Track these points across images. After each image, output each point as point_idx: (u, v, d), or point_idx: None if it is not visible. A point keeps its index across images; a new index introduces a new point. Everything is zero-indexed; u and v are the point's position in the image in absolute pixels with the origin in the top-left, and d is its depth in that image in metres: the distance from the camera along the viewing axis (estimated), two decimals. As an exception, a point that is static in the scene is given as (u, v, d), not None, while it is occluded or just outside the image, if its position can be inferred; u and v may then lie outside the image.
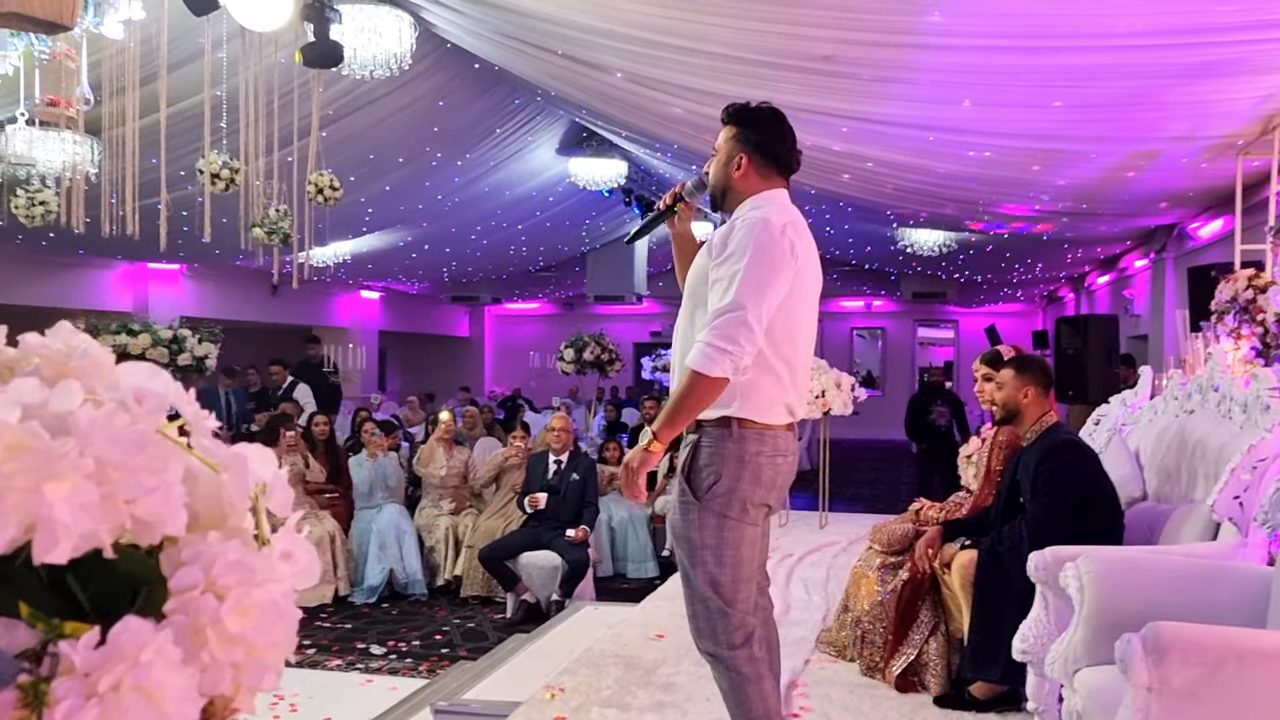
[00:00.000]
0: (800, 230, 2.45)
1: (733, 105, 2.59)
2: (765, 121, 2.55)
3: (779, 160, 2.55)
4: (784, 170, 2.57)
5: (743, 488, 2.38)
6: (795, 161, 2.59)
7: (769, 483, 2.43)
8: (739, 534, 2.40)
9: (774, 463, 2.43)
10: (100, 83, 5.52)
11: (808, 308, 2.50)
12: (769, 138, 2.54)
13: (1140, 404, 4.50)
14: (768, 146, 2.53)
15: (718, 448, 2.40)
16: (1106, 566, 2.61)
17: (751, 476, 2.39)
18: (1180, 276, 9.39)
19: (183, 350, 7.34)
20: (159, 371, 0.72)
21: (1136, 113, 5.65)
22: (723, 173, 2.56)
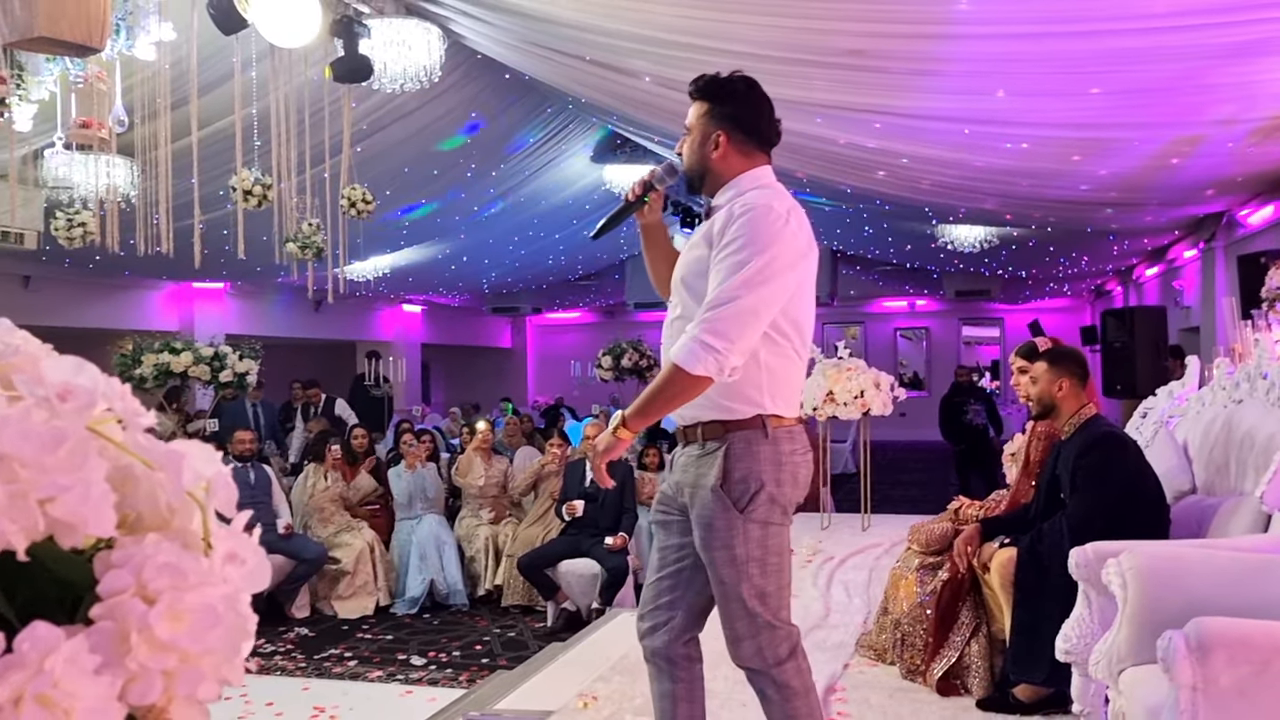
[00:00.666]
0: (802, 217, 2.27)
1: (701, 78, 2.35)
2: (739, 93, 2.31)
3: (759, 134, 2.32)
4: (765, 145, 2.34)
5: (784, 491, 2.23)
6: (775, 134, 2.36)
7: (805, 482, 2.29)
8: (781, 540, 2.26)
9: (806, 460, 2.30)
10: (134, 105, 5.60)
11: (811, 299, 2.34)
12: (745, 110, 2.31)
13: (1187, 395, 4.36)
14: (745, 120, 2.30)
15: (753, 452, 2.21)
16: (1150, 562, 2.51)
17: (790, 478, 2.24)
18: (1230, 266, 9.14)
19: (224, 367, 7.44)
20: (86, 365, 0.69)
21: (1178, 97, 5.49)
22: (699, 154, 2.33)
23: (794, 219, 2.22)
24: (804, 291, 2.28)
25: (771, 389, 2.23)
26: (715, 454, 2.24)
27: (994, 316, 19.82)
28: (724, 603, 2.28)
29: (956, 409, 9.48)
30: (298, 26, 5.31)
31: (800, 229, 2.23)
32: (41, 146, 6.01)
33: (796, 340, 2.28)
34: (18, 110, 5.16)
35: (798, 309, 2.26)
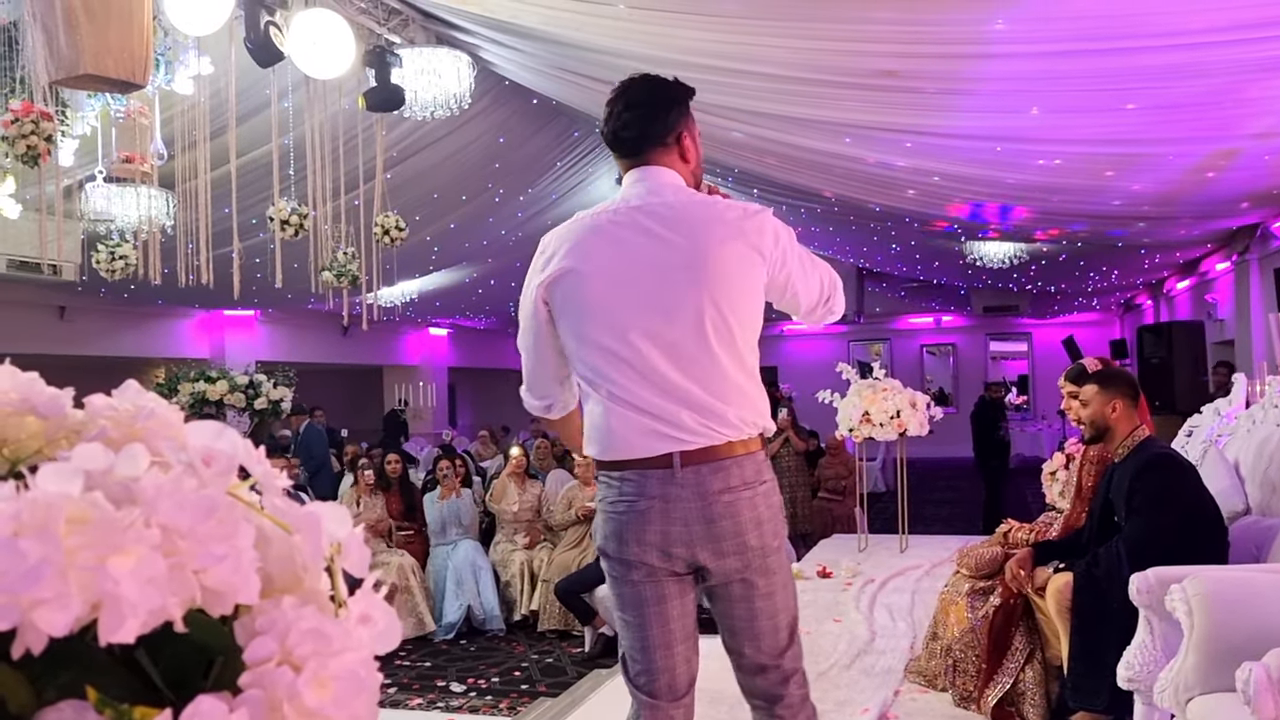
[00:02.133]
0: (574, 227, 2.09)
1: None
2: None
3: (605, 140, 2.17)
4: (611, 148, 2.17)
5: (607, 544, 2.14)
6: (609, 133, 2.14)
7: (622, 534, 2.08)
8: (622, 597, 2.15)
9: (617, 511, 2.11)
10: (173, 138, 5.68)
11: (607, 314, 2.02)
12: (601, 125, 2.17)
13: (1236, 413, 4.30)
14: (600, 131, 2.17)
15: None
16: (1216, 587, 2.47)
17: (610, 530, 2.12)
18: (1266, 278, 9.05)
19: (259, 394, 7.49)
20: (226, 429, 0.69)
21: (1215, 111, 5.45)
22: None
23: (551, 240, 2.12)
24: (579, 314, 2.04)
25: (588, 433, 2.10)
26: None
27: (1022, 331, 19.69)
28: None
29: (992, 424, 9.41)
30: (332, 58, 5.38)
31: (551, 246, 2.10)
32: (82, 180, 6.09)
33: (590, 372, 2.05)
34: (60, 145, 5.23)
35: (578, 333, 2.06)
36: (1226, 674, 2.15)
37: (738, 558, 1.99)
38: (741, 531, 1.98)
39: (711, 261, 1.99)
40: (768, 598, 2.05)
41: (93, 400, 0.71)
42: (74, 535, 0.56)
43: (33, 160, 4.20)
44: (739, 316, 2.02)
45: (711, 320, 1.98)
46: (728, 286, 1.99)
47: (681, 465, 1.97)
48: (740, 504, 1.98)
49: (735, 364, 2.02)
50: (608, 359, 2.01)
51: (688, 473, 1.97)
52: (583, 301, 2.03)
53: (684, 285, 1.99)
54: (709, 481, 1.97)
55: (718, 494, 1.97)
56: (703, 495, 1.97)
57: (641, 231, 2.03)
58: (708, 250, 1.99)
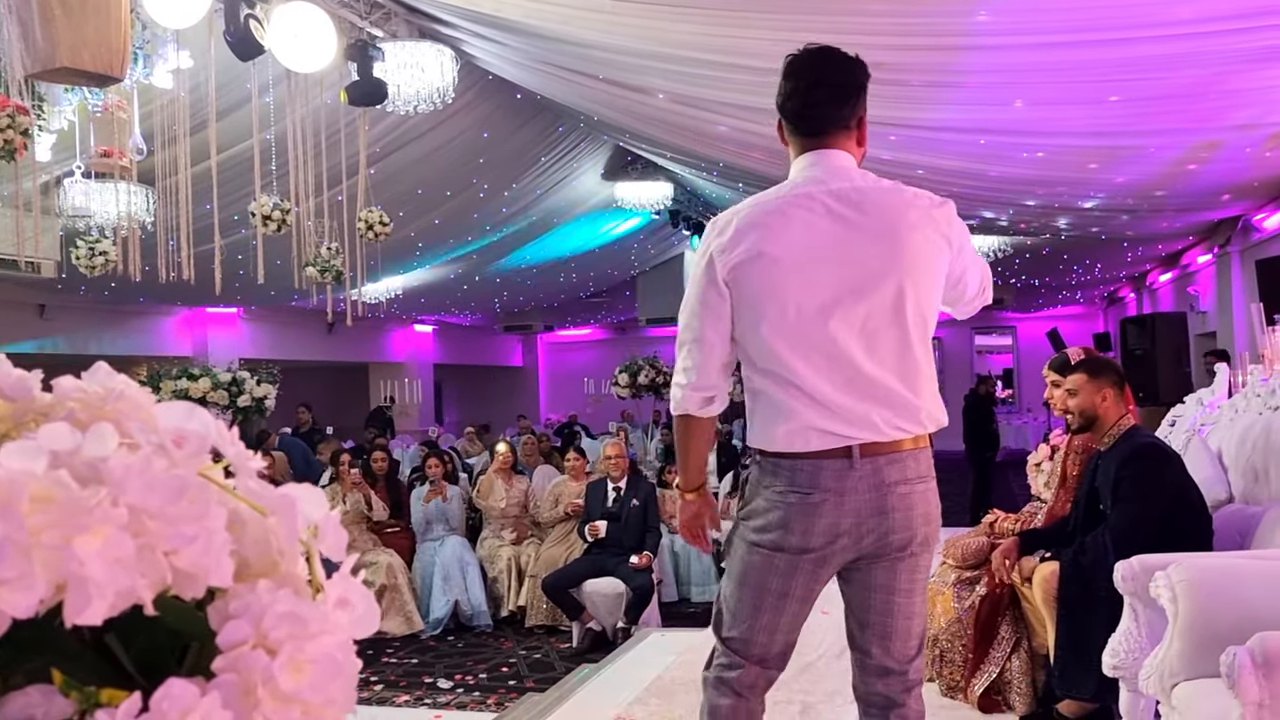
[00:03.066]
0: (756, 216, 1.99)
1: None
2: (782, 78, 2.10)
3: (793, 118, 2.07)
4: (796, 127, 2.06)
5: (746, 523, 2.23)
6: (805, 108, 2.05)
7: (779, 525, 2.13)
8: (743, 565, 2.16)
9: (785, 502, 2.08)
10: (152, 133, 5.63)
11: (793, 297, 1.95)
12: (784, 93, 2.08)
13: (1219, 403, 4.32)
14: (785, 104, 2.08)
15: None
16: (1200, 574, 2.48)
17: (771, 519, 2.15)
18: (1247, 270, 9.11)
19: (242, 392, 7.44)
20: (198, 410, 0.67)
21: (1199, 103, 5.48)
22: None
23: (731, 220, 2.01)
24: (767, 299, 1.96)
25: (761, 424, 2.03)
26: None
27: (1006, 325, 19.77)
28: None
29: (986, 417, 9.44)
30: (313, 52, 5.33)
31: (735, 228, 1.99)
32: (60, 175, 6.04)
33: (774, 363, 1.97)
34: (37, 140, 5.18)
35: (762, 319, 1.97)
36: (1211, 660, 2.16)
37: (898, 552, 1.97)
38: (911, 524, 1.95)
39: (907, 247, 1.94)
40: (908, 595, 2.01)
41: (61, 382, 0.70)
42: (38, 514, 0.54)
43: (9, 155, 4.15)
44: (932, 304, 2.00)
45: (911, 306, 1.94)
46: (921, 273, 1.95)
47: (860, 457, 1.92)
48: (914, 496, 1.96)
49: (925, 353, 1.99)
50: (797, 348, 1.94)
51: (865, 464, 1.93)
52: (773, 286, 1.94)
53: (881, 271, 1.93)
54: (886, 473, 1.93)
55: (893, 485, 1.94)
56: (878, 487, 1.93)
57: (832, 215, 1.96)
58: (902, 236, 1.95)
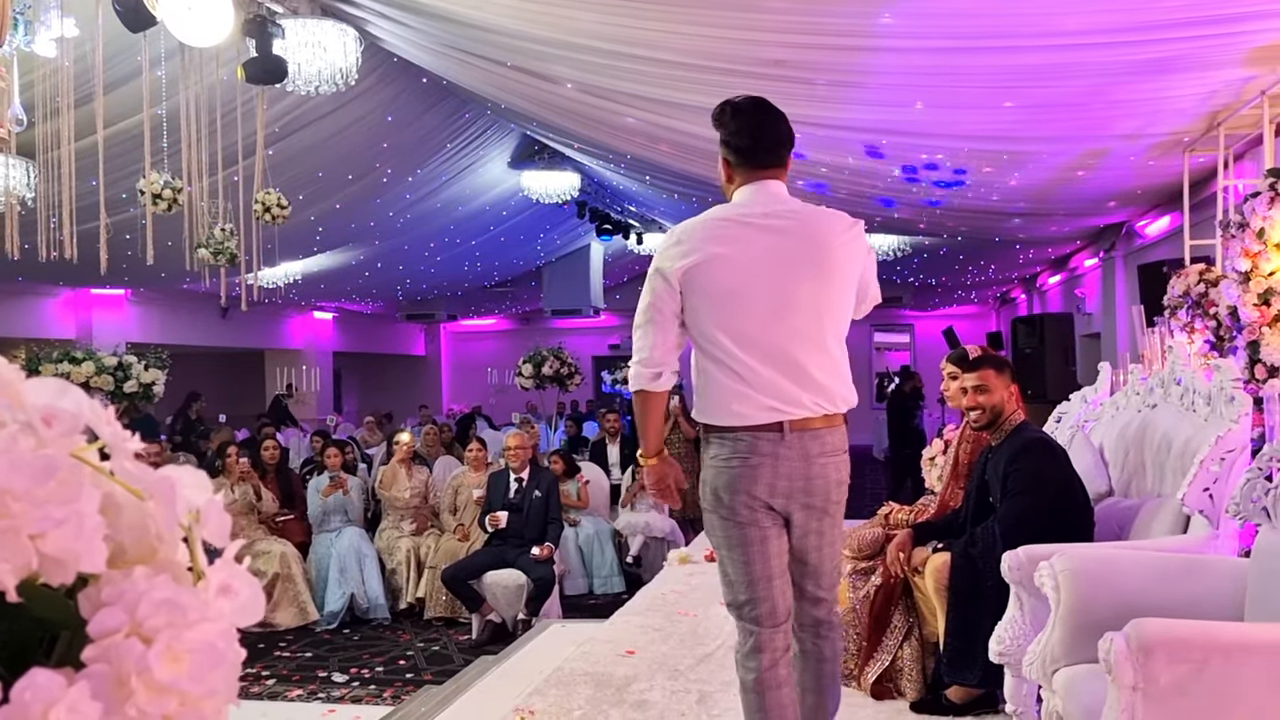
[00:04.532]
0: (709, 225, 2.43)
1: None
2: (728, 115, 2.48)
3: (745, 154, 2.47)
4: (748, 163, 2.46)
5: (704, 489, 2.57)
6: (762, 149, 2.46)
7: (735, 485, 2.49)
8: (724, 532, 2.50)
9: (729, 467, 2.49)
10: (33, 103, 5.35)
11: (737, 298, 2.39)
12: (731, 130, 2.47)
13: (1101, 400, 4.51)
14: (733, 140, 2.47)
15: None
16: (1081, 564, 2.58)
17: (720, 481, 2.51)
18: (1130, 274, 9.53)
19: (129, 378, 7.14)
20: (70, 388, 0.63)
21: (1087, 112, 5.69)
22: (723, 182, 2.56)
23: (688, 233, 2.43)
24: (716, 299, 2.39)
25: (707, 402, 2.45)
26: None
27: (904, 323, 20.28)
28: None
29: (907, 413, 9.64)
30: (209, 25, 5.13)
31: (691, 239, 2.41)
32: (-69, 145, 5.69)
33: (719, 350, 2.40)
34: (-94, 107, 4.88)
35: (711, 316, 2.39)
36: (1090, 646, 2.25)
37: (820, 509, 2.43)
38: (828, 489, 2.42)
39: (832, 262, 2.40)
40: (831, 542, 2.50)
41: (-82, 355, 0.65)
42: (-114, 494, 0.50)
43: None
44: (848, 307, 2.47)
45: (829, 312, 2.40)
46: (842, 281, 2.42)
47: (790, 431, 2.36)
48: (830, 467, 2.42)
49: (840, 350, 2.45)
50: (740, 340, 2.36)
51: (793, 437, 2.37)
52: (721, 288, 2.37)
53: (810, 281, 2.37)
54: (810, 446, 2.38)
55: (816, 456, 2.39)
56: (805, 457, 2.38)
57: (774, 232, 2.39)
58: (828, 251, 2.40)
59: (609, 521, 7.73)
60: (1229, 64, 4.90)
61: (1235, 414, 3.04)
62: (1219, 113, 5.76)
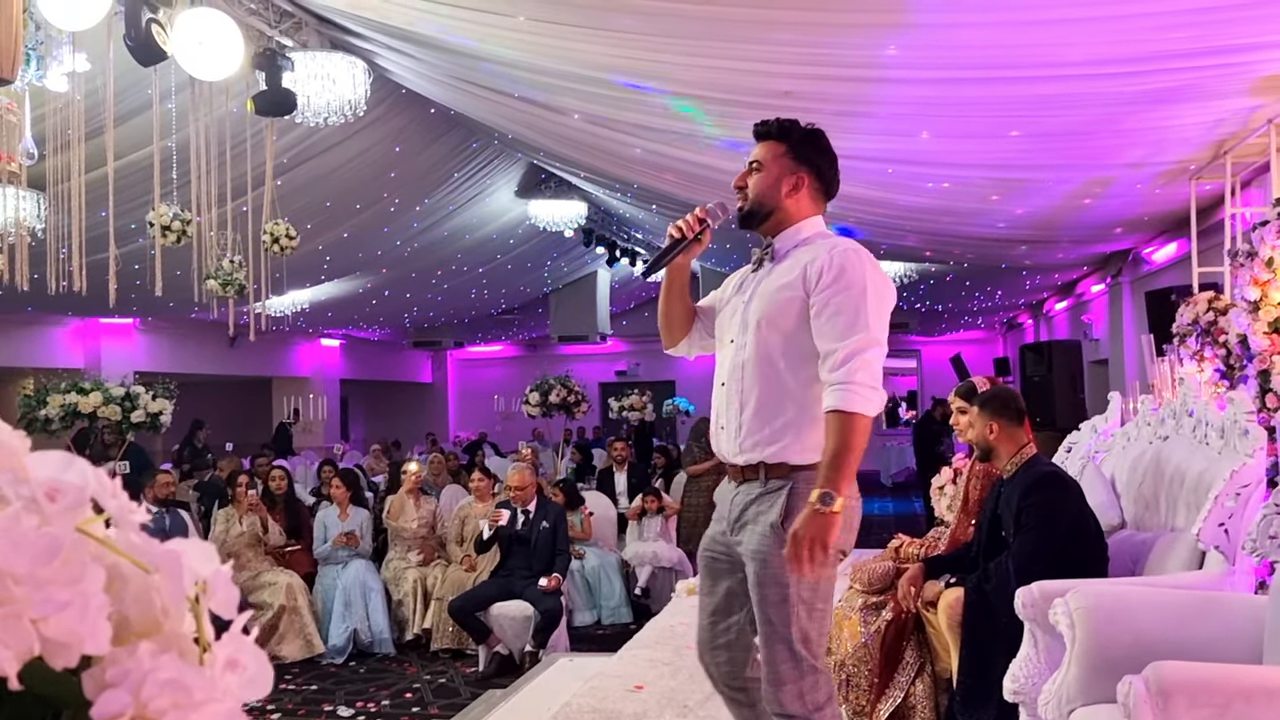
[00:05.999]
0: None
1: (779, 121, 2.46)
2: (821, 145, 2.44)
3: (830, 187, 2.47)
4: (829, 198, 2.50)
5: (840, 536, 2.22)
6: (837, 188, 2.51)
7: (856, 527, 2.33)
8: (829, 586, 2.31)
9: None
10: (45, 137, 5.38)
11: None
12: (825, 163, 2.44)
13: (1111, 430, 4.48)
14: (824, 172, 2.44)
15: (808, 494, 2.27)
16: (1096, 601, 2.55)
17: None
18: (1137, 300, 9.50)
19: (136, 407, 7.15)
20: (75, 460, 0.62)
21: (1093, 141, 5.70)
22: (773, 191, 2.40)
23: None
24: None
25: (804, 439, 2.30)
26: (779, 492, 2.28)
27: (912, 349, 20.24)
28: (769, 643, 2.28)
29: (934, 438, 9.58)
30: (219, 59, 5.17)
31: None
32: (-58, 178, 5.73)
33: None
34: (-82, 141, 4.91)
35: None
36: (1106, 685, 2.22)
37: None
38: None
39: None
40: None
41: (-78, 427, 0.64)
42: (-115, 584, 0.49)
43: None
44: None
45: None
46: None
47: None
48: None
49: None
50: None
51: None
52: None
53: None
54: None
55: None
56: None
57: None
58: None
59: (616, 552, 7.69)
60: (1235, 93, 4.91)
61: (1249, 447, 3.01)
62: (1225, 141, 5.76)
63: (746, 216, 2.45)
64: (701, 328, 2.62)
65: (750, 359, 2.34)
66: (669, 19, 4.31)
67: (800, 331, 2.29)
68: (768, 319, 2.34)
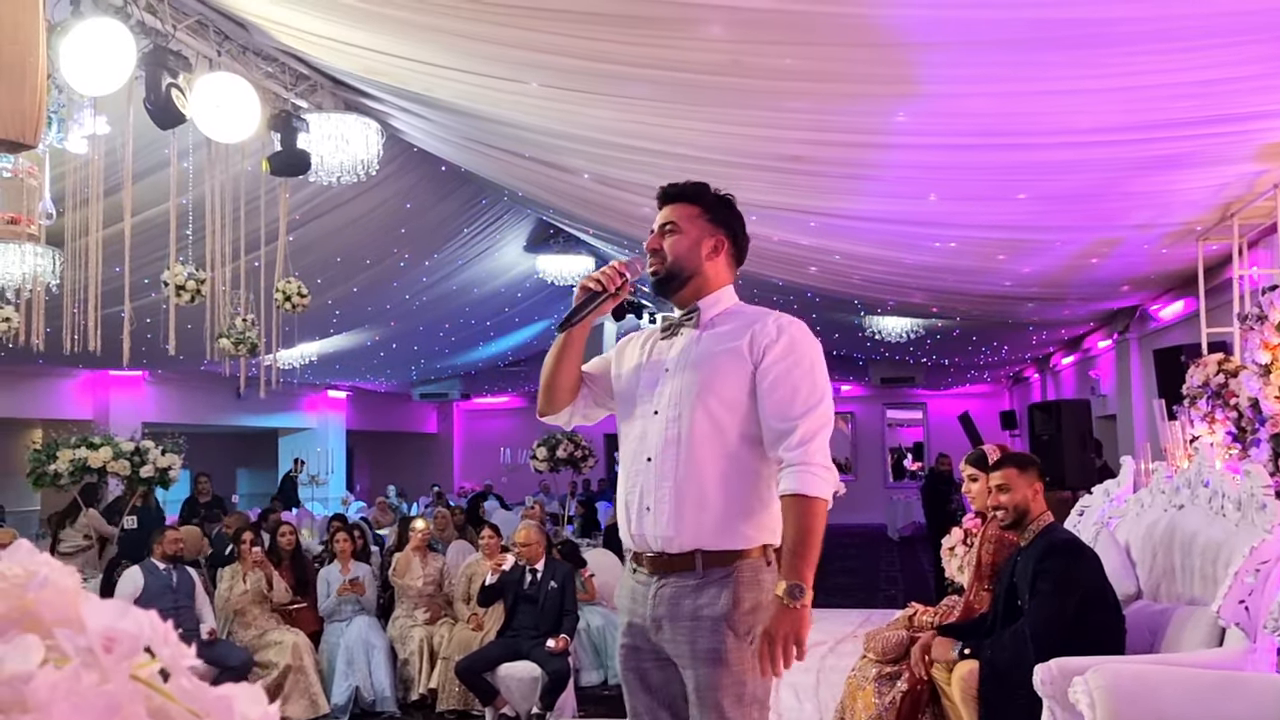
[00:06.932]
0: None
1: (691, 184, 2.34)
2: (734, 211, 2.36)
3: (743, 256, 2.37)
4: (741, 264, 2.39)
5: None
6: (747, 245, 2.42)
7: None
8: (770, 679, 2.08)
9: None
10: (63, 195, 5.46)
11: None
12: (739, 228, 2.35)
13: (1124, 496, 4.45)
14: (739, 237, 2.34)
15: (759, 580, 2.09)
16: (1116, 680, 2.52)
17: None
18: (1145, 356, 9.51)
19: (145, 462, 7.16)
20: (129, 608, 0.63)
21: (1099, 203, 5.75)
22: (692, 254, 2.26)
23: None
24: None
25: (777, 524, 2.10)
26: (722, 583, 2.08)
27: (917, 401, 20.23)
28: None
29: (942, 496, 9.52)
30: (236, 122, 5.25)
31: None
32: (-40, 237, 5.79)
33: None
34: (-61, 202, 4.98)
35: None
36: (1128, 767, 2.19)
37: None
38: None
39: None
40: None
41: (-22, 567, 0.65)
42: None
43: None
44: None
45: None
46: None
47: None
48: None
49: None
50: None
51: None
52: None
53: None
54: None
55: None
56: None
57: None
58: None
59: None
60: (1240, 159, 4.96)
61: (1268, 522, 2.99)
62: (1232, 204, 5.80)
63: (664, 280, 2.29)
64: (589, 396, 2.41)
65: (687, 433, 2.12)
66: (681, 88, 4.38)
67: (746, 405, 2.12)
68: (709, 390, 2.14)
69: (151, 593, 5.99)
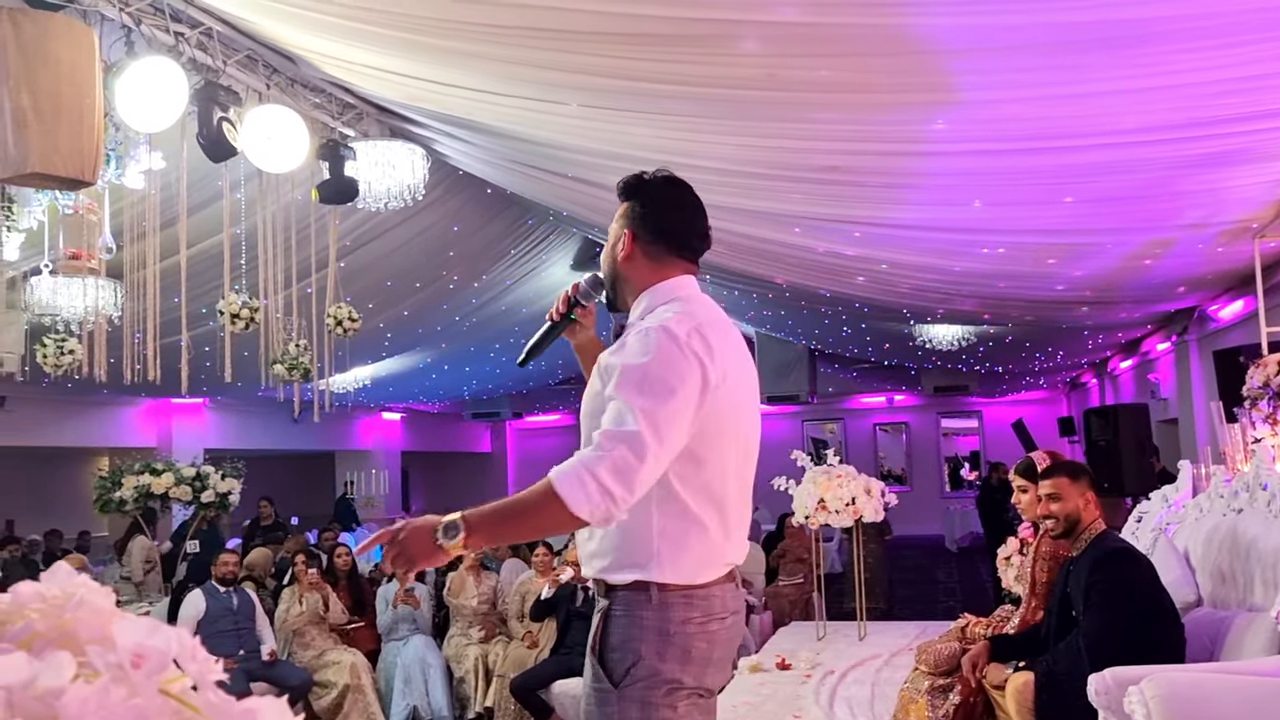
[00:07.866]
0: (719, 333, 1.88)
1: (621, 180, 2.06)
2: (652, 191, 2.01)
3: (671, 237, 1.98)
4: (681, 251, 2.00)
5: (669, 667, 1.83)
6: (696, 238, 2.02)
7: (703, 658, 1.86)
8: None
9: (708, 631, 1.87)
10: (122, 229, 5.63)
11: (739, 431, 1.93)
12: (657, 209, 1.98)
13: (1183, 501, 4.36)
14: (655, 220, 1.97)
15: (633, 618, 1.84)
16: (1172, 689, 2.47)
17: (679, 654, 1.83)
18: (1205, 358, 9.29)
19: (206, 487, 7.32)
20: (159, 625, 0.66)
21: (1150, 204, 5.65)
22: (608, 258, 2.03)
23: (699, 338, 1.83)
24: (724, 425, 1.88)
25: (659, 556, 1.84)
26: (598, 615, 1.91)
27: (972, 410, 19.95)
28: None
29: (998, 506, 9.39)
30: (287, 152, 5.38)
31: (715, 347, 1.84)
32: (27, 271, 6.01)
33: (717, 488, 1.88)
34: (5, 239, 5.17)
35: (715, 448, 1.87)
36: (1186, 779, 2.14)
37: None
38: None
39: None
40: None
41: (20, 589, 0.69)
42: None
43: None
44: None
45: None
46: None
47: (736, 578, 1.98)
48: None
49: None
50: (727, 482, 1.89)
51: (734, 586, 1.97)
52: (733, 411, 1.90)
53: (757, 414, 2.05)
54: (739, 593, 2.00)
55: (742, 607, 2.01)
56: (740, 603, 1.98)
57: (741, 351, 1.98)
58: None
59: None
60: (1295, 154, 4.85)
61: (1327, 524, 2.92)
62: (1288, 200, 5.66)
63: (607, 298, 2.09)
64: None
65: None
66: (718, 103, 4.40)
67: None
68: (583, 416, 1.97)
69: (213, 615, 6.13)
